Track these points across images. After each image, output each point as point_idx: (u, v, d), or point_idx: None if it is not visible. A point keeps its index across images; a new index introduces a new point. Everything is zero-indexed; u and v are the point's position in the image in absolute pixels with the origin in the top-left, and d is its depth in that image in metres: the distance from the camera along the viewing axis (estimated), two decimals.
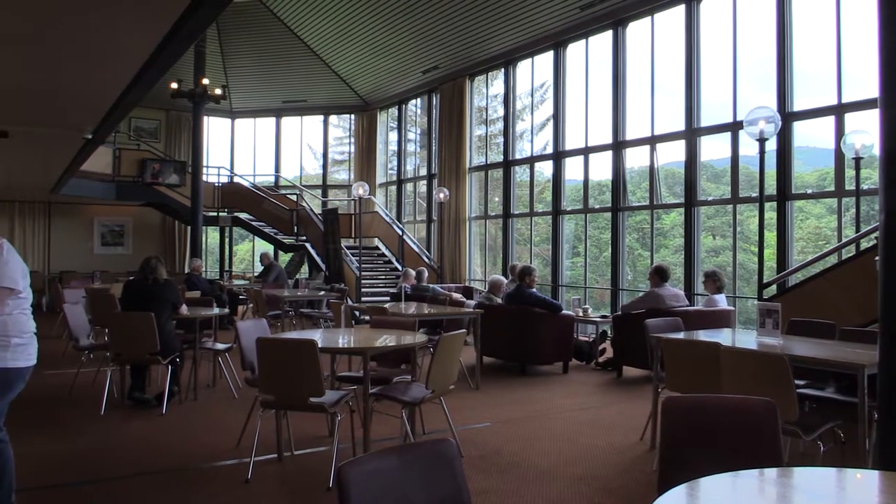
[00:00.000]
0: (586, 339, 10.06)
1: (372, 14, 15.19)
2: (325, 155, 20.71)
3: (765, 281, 7.93)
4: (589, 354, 9.38)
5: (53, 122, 7.76)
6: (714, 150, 11.36)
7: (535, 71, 14.28)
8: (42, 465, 4.99)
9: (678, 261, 11.64)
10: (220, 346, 7.57)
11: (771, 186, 9.38)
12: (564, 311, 9.05)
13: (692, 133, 10.82)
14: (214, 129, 20.49)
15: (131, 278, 7.33)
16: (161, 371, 7.15)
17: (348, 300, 11.09)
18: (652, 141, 11.57)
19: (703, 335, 5.53)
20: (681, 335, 5.48)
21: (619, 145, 12.04)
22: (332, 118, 20.61)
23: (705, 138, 10.85)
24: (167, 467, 4.95)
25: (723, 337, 5.40)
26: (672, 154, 11.70)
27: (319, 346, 4.53)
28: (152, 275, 6.80)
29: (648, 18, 11.57)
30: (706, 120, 10.79)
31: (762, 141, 7.59)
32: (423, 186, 17.84)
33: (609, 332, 9.89)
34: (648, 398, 5.81)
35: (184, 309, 7.13)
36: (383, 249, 17.59)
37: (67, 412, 6.56)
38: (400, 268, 16.09)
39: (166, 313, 6.76)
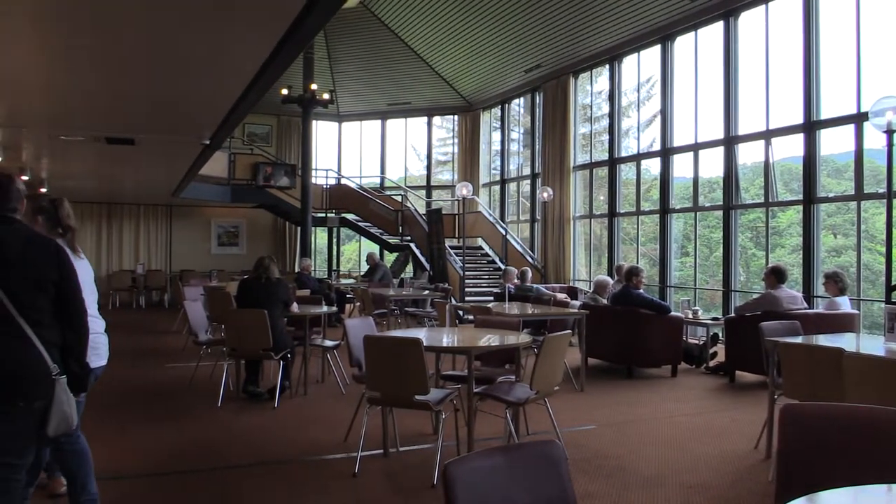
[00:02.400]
0: (696, 341, 9.73)
1: (474, 15, 15.24)
2: (429, 156, 20.96)
3: (893, 283, 7.41)
4: (699, 358, 9.06)
5: (175, 130, 8.22)
6: (835, 143, 10.74)
7: (640, 66, 13.92)
8: (164, 453, 5.29)
9: (796, 261, 11.07)
10: (328, 343, 7.79)
11: None
12: (673, 313, 8.78)
13: (811, 126, 10.24)
14: (322, 132, 21.12)
15: (246, 277, 7.65)
16: (273, 366, 7.42)
17: (452, 299, 11.17)
18: (767, 135, 11.05)
19: (824, 340, 5.22)
20: (799, 339, 5.20)
21: (730, 140, 11.57)
22: (436, 119, 20.82)
23: (826, 131, 10.24)
24: (279, 458, 5.14)
25: (845, 342, 5.09)
26: (789, 149, 11.16)
27: (424, 344, 4.58)
28: (265, 274, 7.08)
29: (762, 7, 11.04)
30: (826, 112, 10.18)
31: (890, 133, 7.10)
32: (526, 186, 17.74)
33: (721, 334, 9.52)
34: (763, 405, 5.55)
35: (295, 307, 7.38)
36: (487, 249, 17.61)
37: (187, 403, 6.92)
38: (503, 268, 16.07)
39: (278, 311, 7.01)
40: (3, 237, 2.85)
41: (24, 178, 11.47)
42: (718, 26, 11.78)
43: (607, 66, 14.53)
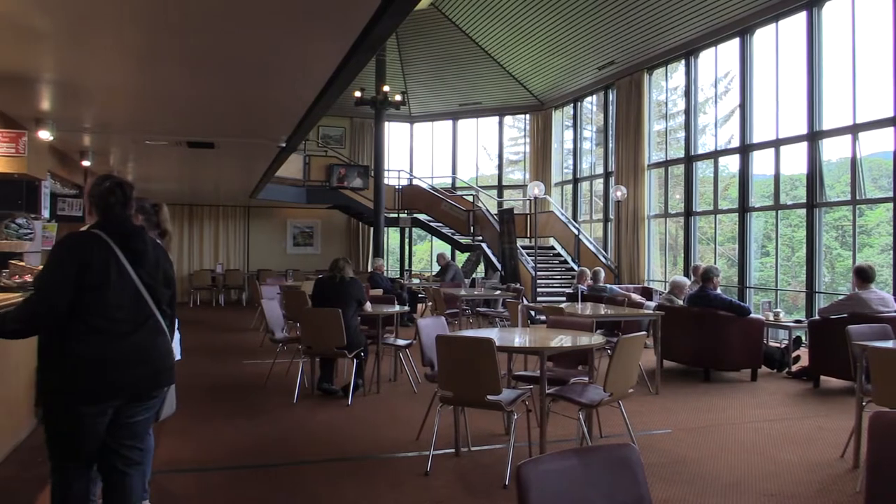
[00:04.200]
0: (777, 345, 9.40)
1: (546, 13, 15.13)
2: (500, 155, 20.91)
3: None
4: (781, 362, 8.74)
5: (253, 133, 8.45)
6: None
7: (718, 60, 13.54)
8: (242, 447, 5.44)
9: (886, 261, 10.56)
10: (400, 342, 7.87)
11: None
12: (753, 315, 8.50)
13: None
14: (395, 133, 21.33)
15: (321, 277, 7.80)
16: (347, 364, 7.54)
17: (524, 300, 11.11)
18: (854, 129, 10.57)
19: None
20: (890, 344, 4.95)
21: (814, 136, 11.13)
22: (507, 119, 20.75)
23: None
24: (352, 455, 5.22)
25: None
26: (878, 143, 10.61)
27: (496, 344, 4.57)
28: (340, 274, 7.20)
29: None
30: None
31: None
32: (599, 185, 17.50)
33: (804, 338, 9.17)
34: (850, 412, 5.32)
35: (368, 306, 7.48)
36: (559, 249, 17.45)
37: (264, 399, 7.10)
38: (576, 268, 15.91)
39: (352, 310, 7.12)
40: (137, 241, 3.04)
41: None
42: (801, 17, 11.35)
43: (683, 62, 14.20)
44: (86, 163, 9.94)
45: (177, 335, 4.06)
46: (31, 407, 5.43)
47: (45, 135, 7.31)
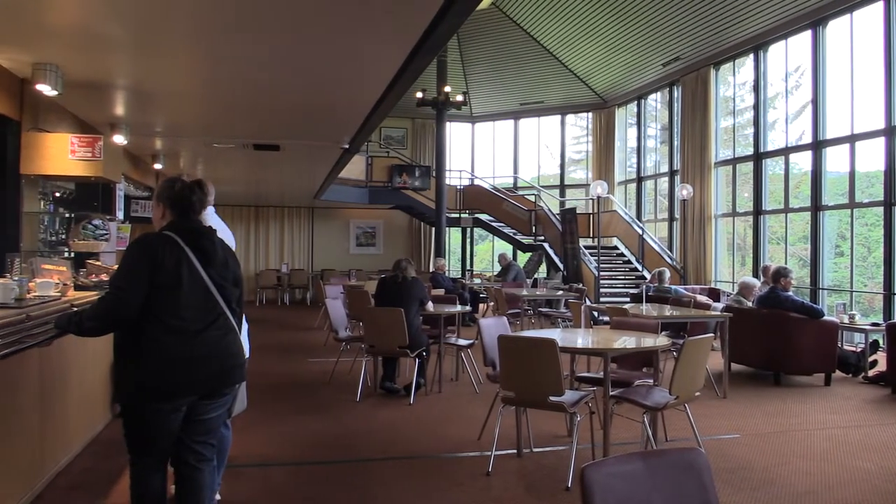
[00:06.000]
0: (853, 349, 9.05)
1: (609, 9, 14.92)
2: (562, 154, 20.73)
3: None
4: (856, 366, 8.41)
5: (317, 136, 8.60)
6: None
7: (788, 53, 13.12)
8: (306, 443, 5.53)
9: None
10: (462, 341, 7.88)
11: None
12: (827, 317, 8.21)
13: None
14: (456, 133, 21.38)
15: (384, 276, 7.87)
16: (409, 364, 7.59)
17: (587, 300, 10.99)
18: None
19: None
20: None
21: (892, 130, 10.67)
22: (569, 117, 20.55)
23: None
24: (414, 454, 5.25)
25: None
26: None
27: (559, 345, 4.53)
28: (402, 274, 7.26)
29: None
30: None
31: None
32: (664, 183, 17.17)
33: (881, 341, 8.80)
34: None
35: (430, 305, 7.51)
36: (622, 249, 17.19)
37: (327, 397, 7.21)
38: (640, 268, 15.65)
39: (414, 309, 7.16)
40: (206, 241, 3.12)
41: None
42: (877, 7, 10.90)
43: (751, 56, 13.80)
44: (157, 165, 10.28)
45: (245, 330, 4.16)
46: (108, 401, 5.65)
47: (119, 139, 7.59)
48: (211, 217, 4.72)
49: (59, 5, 4.22)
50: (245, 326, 3.91)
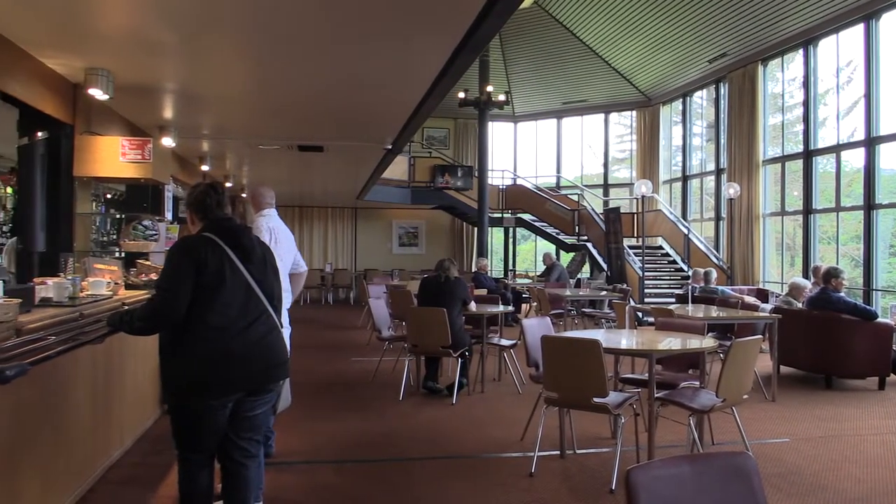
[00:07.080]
0: None
1: (652, 5, 14.71)
2: (605, 153, 20.52)
3: None
4: None
5: (360, 137, 8.67)
6: None
7: (839, 48, 12.77)
8: (349, 441, 5.58)
9: None
10: (505, 342, 7.86)
11: None
12: (880, 319, 7.97)
13: None
14: (498, 133, 21.32)
15: (426, 276, 7.89)
16: (452, 363, 7.60)
17: (631, 301, 10.87)
18: None
19: None
20: None
21: None
22: (613, 116, 20.33)
23: None
24: (457, 454, 5.25)
25: None
26: None
27: (603, 346, 4.49)
28: (445, 274, 7.27)
29: None
30: None
31: None
32: (710, 182, 16.87)
33: None
34: None
35: (472, 305, 7.51)
36: (667, 249, 16.93)
37: (370, 396, 7.25)
38: (686, 268, 15.40)
39: (457, 309, 7.17)
40: (244, 238, 3.17)
41: (228, 184, 12.58)
42: None
43: (801, 51, 13.47)
44: (205, 167, 10.47)
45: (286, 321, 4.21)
46: (157, 397, 5.77)
47: (167, 141, 7.75)
48: (273, 218, 4.84)
49: (111, 12, 4.33)
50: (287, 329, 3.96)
